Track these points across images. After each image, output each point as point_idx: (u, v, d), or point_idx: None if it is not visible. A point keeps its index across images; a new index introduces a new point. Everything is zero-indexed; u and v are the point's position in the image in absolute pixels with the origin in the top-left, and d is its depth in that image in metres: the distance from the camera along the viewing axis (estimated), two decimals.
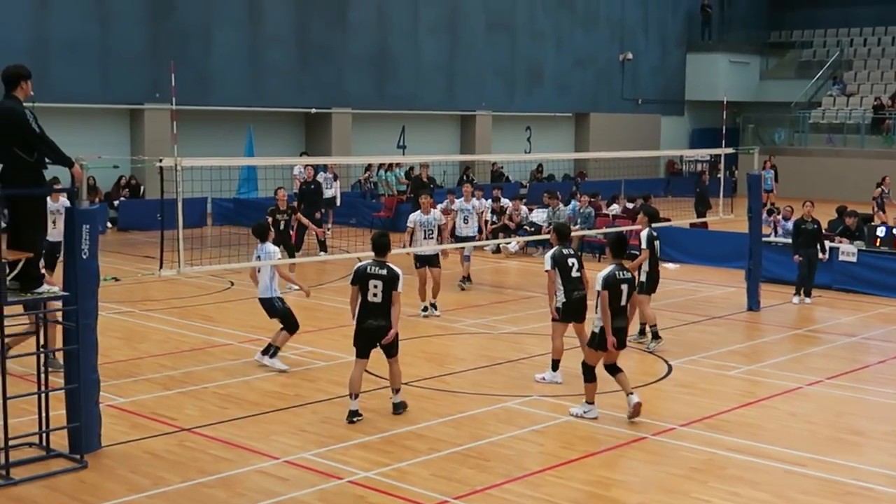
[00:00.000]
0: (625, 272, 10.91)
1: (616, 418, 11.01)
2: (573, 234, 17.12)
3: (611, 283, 10.74)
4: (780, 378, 12.80)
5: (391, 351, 10.92)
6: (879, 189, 27.25)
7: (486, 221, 23.81)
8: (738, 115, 43.03)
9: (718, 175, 28.33)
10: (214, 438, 10.14)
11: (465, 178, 35.29)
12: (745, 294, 17.54)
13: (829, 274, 19.08)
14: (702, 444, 10.18)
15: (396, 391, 11.10)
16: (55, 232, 14.31)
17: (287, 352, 13.25)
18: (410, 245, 16.31)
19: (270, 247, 13.16)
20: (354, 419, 10.69)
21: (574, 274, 12.18)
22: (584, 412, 10.96)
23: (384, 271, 10.73)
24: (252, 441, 10.07)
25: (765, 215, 22.47)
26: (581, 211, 23.81)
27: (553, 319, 12.35)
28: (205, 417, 10.82)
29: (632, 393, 10.90)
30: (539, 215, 24.95)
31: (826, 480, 9.25)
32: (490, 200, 25.88)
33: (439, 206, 25.28)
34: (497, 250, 24.21)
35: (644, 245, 14.40)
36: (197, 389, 11.94)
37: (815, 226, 18.21)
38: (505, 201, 26.00)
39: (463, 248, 19.21)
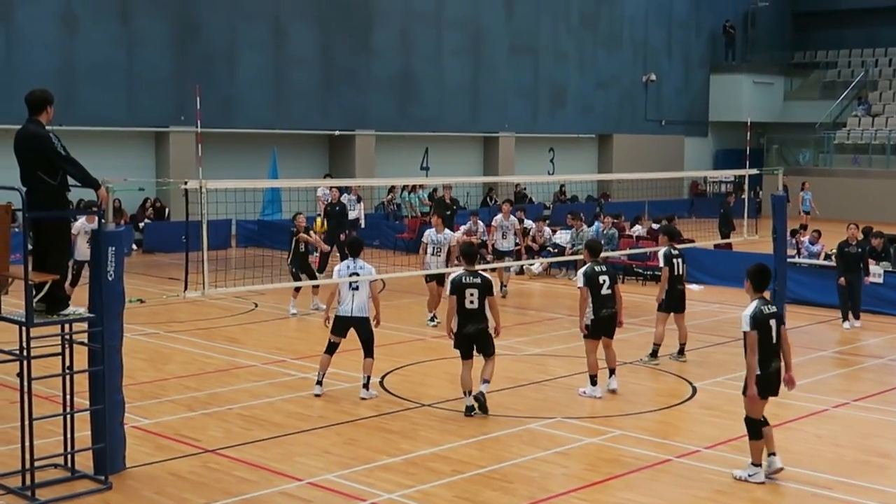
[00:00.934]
0: (770, 306, 9.74)
1: (640, 440, 10.96)
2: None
3: (759, 321, 9.53)
4: (806, 400, 12.71)
5: (488, 350, 11.84)
6: None
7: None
8: (762, 135, 42.91)
9: (743, 196, 28.24)
10: (238, 460, 10.16)
11: (488, 198, 35.37)
12: None
13: None
14: (727, 467, 10.10)
15: (486, 382, 11.76)
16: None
17: (311, 373, 13.26)
18: (425, 261, 17.30)
19: (368, 265, 12.86)
20: (471, 413, 11.64)
21: (605, 291, 12.45)
22: (749, 475, 9.64)
23: (478, 280, 11.69)
24: (276, 463, 10.08)
25: (788, 236, 22.38)
26: (605, 232, 23.75)
27: (584, 336, 12.66)
28: (229, 439, 10.84)
29: (774, 454, 9.75)
30: (563, 237, 24.92)
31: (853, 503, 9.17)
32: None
33: (462, 228, 25.35)
34: (521, 272, 24.19)
35: (662, 263, 14.51)
36: (221, 411, 11.98)
37: (860, 249, 18.07)
38: (528, 222, 25.98)
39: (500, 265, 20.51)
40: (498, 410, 12.12)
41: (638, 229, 25.93)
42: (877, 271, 18.93)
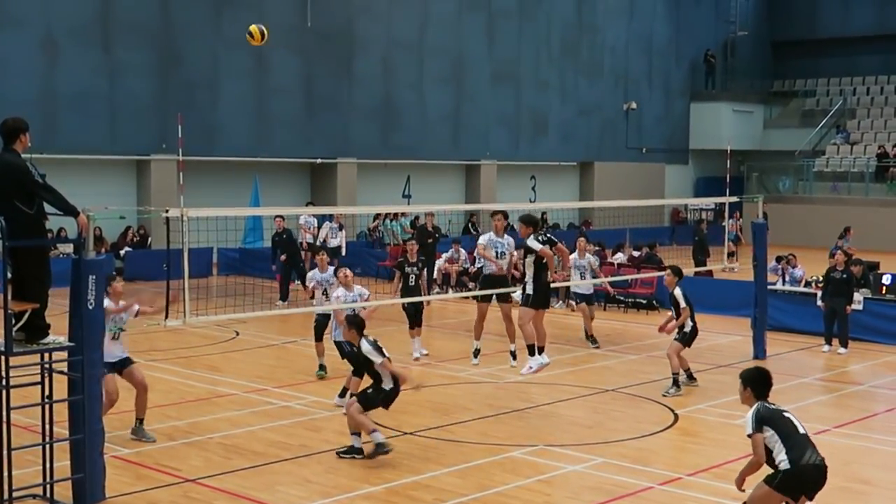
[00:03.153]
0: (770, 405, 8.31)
1: (621, 467, 10.95)
2: (581, 282, 17.67)
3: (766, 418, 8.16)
4: None
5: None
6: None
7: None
8: (742, 163, 43.17)
9: (723, 223, 28.38)
10: (219, 489, 10.10)
11: (470, 226, 35.40)
12: (751, 342, 17.51)
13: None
14: (709, 494, 10.11)
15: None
16: None
17: (292, 402, 13.21)
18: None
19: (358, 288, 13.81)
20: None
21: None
22: None
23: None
24: (257, 492, 10.02)
25: (773, 263, 22.48)
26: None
27: (522, 305, 13.60)
28: (209, 468, 10.78)
29: None
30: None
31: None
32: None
33: (444, 256, 25.30)
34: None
35: (683, 304, 14.84)
36: (202, 440, 11.91)
37: (846, 275, 18.18)
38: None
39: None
40: (480, 438, 12.10)
41: (620, 257, 25.99)
42: (857, 298, 19.01)
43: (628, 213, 34.25)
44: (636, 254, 26.05)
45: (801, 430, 8.25)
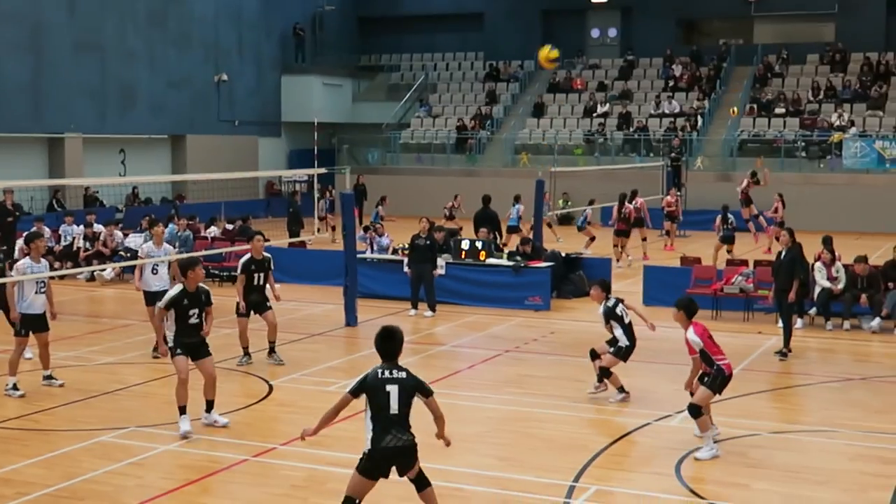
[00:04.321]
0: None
1: (217, 443, 10.90)
2: (172, 258, 16.81)
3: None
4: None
5: None
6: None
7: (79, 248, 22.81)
8: (333, 136, 44.12)
9: (322, 196, 28.95)
10: None
11: (55, 203, 33.61)
12: (343, 310, 18.00)
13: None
14: (303, 462, 10.30)
15: None
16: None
17: None
18: None
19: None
20: None
21: None
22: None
23: None
24: None
25: (361, 232, 23.23)
26: (179, 234, 23.37)
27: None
28: None
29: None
30: (135, 240, 24.11)
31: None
32: (82, 226, 24.82)
33: (25, 234, 23.85)
34: (91, 278, 23.23)
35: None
36: None
37: (429, 242, 19.01)
38: (98, 227, 25.00)
39: None
40: (67, 425, 11.58)
41: (214, 230, 25.77)
42: (440, 263, 20.04)
43: (222, 186, 34.07)
44: (230, 227, 25.96)
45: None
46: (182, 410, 11.08)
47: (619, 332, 12.88)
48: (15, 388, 12.96)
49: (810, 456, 10.80)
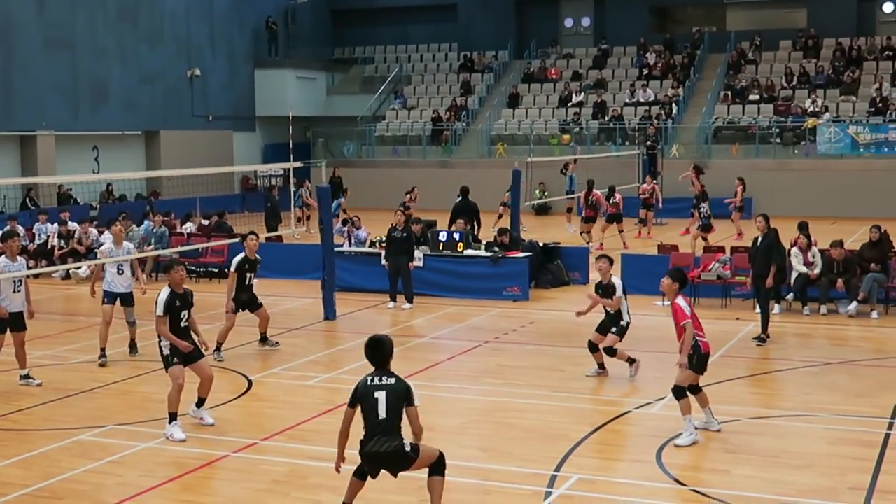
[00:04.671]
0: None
1: (198, 439, 10.84)
2: (147, 255, 16.65)
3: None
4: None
5: None
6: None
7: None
8: (308, 129, 43.95)
9: (296, 189, 28.80)
10: None
11: (27, 201, 33.36)
12: (321, 304, 17.96)
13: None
14: (284, 456, 10.27)
15: None
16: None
17: None
18: None
19: None
20: None
21: None
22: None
23: None
24: None
25: (339, 225, 23.18)
26: (155, 231, 23.24)
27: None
28: None
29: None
30: (111, 237, 23.94)
31: (401, 477, 9.61)
32: (56, 224, 24.64)
33: None
34: (67, 276, 23.07)
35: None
36: None
37: (406, 234, 18.96)
38: (73, 225, 24.82)
39: None
40: (45, 424, 11.50)
41: (189, 226, 25.63)
42: (417, 255, 20.02)
43: (197, 182, 33.82)
44: (206, 222, 25.82)
45: None
46: (173, 417, 10.92)
47: (625, 308, 13.49)
48: None
49: (790, 440, 10.84)
